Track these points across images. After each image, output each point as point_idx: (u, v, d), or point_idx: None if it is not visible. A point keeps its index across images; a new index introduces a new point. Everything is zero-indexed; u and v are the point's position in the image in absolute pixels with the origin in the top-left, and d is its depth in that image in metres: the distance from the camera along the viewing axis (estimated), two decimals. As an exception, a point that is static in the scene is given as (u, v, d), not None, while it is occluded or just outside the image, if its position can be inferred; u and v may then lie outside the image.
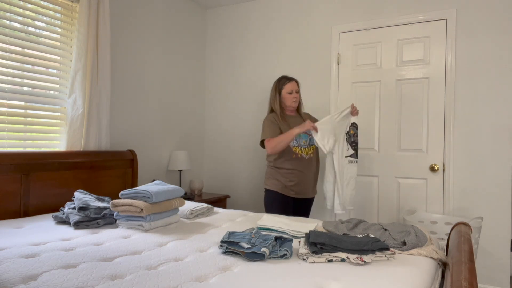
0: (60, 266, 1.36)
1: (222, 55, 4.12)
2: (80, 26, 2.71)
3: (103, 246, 1.64)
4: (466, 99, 2.97)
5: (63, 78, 2.74)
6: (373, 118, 3.32)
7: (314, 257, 1.48)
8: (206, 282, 1.26)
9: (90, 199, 2.17)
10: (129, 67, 3.28)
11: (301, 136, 2.77)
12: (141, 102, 3.40)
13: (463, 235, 1.67)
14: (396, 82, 3.23)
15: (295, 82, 2.83)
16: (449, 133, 3.01)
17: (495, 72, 2.88)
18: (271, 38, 3.82)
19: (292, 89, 2.79)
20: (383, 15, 3.27)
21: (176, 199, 2.17)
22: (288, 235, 1.86)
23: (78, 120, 2.71)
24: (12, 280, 1.22)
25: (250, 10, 3.95)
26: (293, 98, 2.81)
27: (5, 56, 2.40)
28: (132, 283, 1.23)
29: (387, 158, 3.26)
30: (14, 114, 2.44)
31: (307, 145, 2.80)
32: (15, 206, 2.27)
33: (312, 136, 2.70)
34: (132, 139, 3.31)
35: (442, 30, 3.05)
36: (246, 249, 1.50)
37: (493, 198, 2.87)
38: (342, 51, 3.46)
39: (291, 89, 2.79)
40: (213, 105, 4.18)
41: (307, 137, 2.81)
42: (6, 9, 2.40)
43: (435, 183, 3.08)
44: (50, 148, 2.68)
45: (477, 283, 1.18)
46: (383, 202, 3.28)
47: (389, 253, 1.52)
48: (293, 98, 2.81)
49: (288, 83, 2.80)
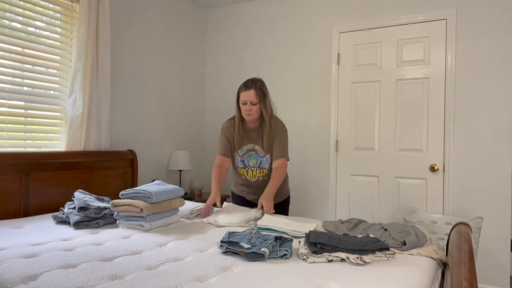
0: (60, 266, 1.36)
1: (222, 55, 4.12)
2: (80, 26, 2.71)
3: (103, 246, 1.63)
4: (466, 99, 2.97)
5: (63, 78, 2.74)
6: (373, 118, 3.32)
7: (314, 257, 1.48)
8: (206, 282, 1.26)
9: (90, 199, 2.17)
10: (129, 67, 3.28)
11: (252, 155, 2.40)
12: (141, 102, 3.40)
13: (463, 235, 1.67)
14: (396, 82, 3.23)
15: (253, 91, 2.28)
16: (449, 133, 3.01)
17: (495, 72, 2.88)
18: (271, 38, 3.82)
19: (245, 100, 2.29)
20: (383, 15, 3.27)
21: (176, 199, 2.17)
22: (288, 235, 1.85)
23: (78, 120, 2.71)
24: (12, 280, 1.22)
25: (250, 10, 3.95)
26: (246, 111, 2.30)
27: (5, 56, 2.40)
28: (132, 283, 1.23)
29: (387, 158, 3.26)
30: (14, 114, 2.44)
31: (256, 167, 2.43)
32: (15, 206, 2.27)
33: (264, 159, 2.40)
34: (132, 139, 3.31)
35: (442, 30, 3.05)
36: (246, 249, 1.50)
37: (493, 198, 2.87)
38: (342, 51, 3.46)
39: (245, 99, 2.29)
40: (213, 105, 4.18)
41: (258, 158, 2.41)
42: (6, 9, 2.40)
43: (435, 183, 3.08)
44: (50, 148, 2.68)
45: (477, 283, 1.18)
46: (383, 202, 3.28)
47: (389, 253, 1.52)
48: (246, 110, 2.30)
49: (243, 92, 2.31)
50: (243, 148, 2.43)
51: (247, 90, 2.29)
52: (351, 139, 3.42)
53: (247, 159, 2.43)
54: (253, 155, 2.41)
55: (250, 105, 2.29)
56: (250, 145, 2.42)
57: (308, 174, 3.60)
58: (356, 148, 3.41)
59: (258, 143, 2.41)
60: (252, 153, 2.42)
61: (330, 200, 3.50)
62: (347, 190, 3.44)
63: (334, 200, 3.50)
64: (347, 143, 3.44)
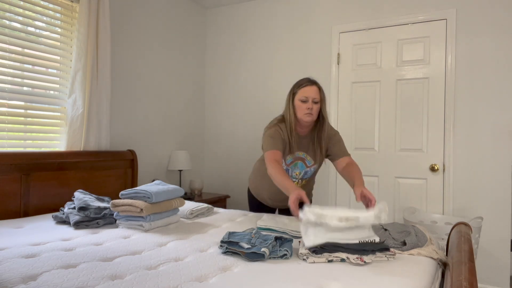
0: (60, 266, 1.36)
1: (222, 55, 4.12)
2: (80, 26, 2.71)
3: (103, 246, 1.63)
4: (466, 99, 2.97)
5: (63, 78, 2.74)
6: (373, 118, 3.32)
7: (314, 257, 1.48)
8: (206, 282, 1.26)
9: (90, 199, 2.17)
10: (129, 67, 3.28)
11: (297, 165, 2.16)
12: (141, 102, 3.40)
13: (463, 235, 1.67)
14: (396, 82, 3.23)
15: (316, 88, 2.03)
16: (449, 133, 3.01)
17: (495, 72, 2.88)
18: (271, 38, 3.82)
19: (307, 96, 2.00)
20: (383, 15, 3.27)
21: (176, 199, 2.17)
22: (288, 235, 1.85)
23: (78, 120, 2.71)
24: (12, 280, 1.22)
25: (250, 10, 3.95)
26: (307, 110, 2.00)
27: (5, 56, 2.40)
28: (132, 283, 1.23)
29: (387, 158, 3.26)
30: (14, 114, 2.44)
31: (299, 178, 2.20)
32: (15, 206, 2.27)
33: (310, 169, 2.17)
34: (132, 139, 3.31)
35: (442, 30, 3.05)
36: (246, 249, 1.50)
37: (493, 198, 2.87)
38: (342, 51, 3.46)
39: (306, 96, 2.00)
40: (213, 105, 4.18)
41: (304, 168, 2.18)
42: (6, 9, 2.40)
43: (435, 183, 3.08)
44: (50, 148, 2.68)
45: (477, 283, 1.18)
46: (383, 202, 3.28)
47: (389, 254, 1.52)
48: (307, 108, 2.00)
49: (304, 87, 2.02)
50: (292, 156, 2.13)
51: (310, 86, 2.02)
52: (351, 139, 3.42)
53: (292, 169, 2.17)
54: (299, 165, 2.16)
55: (312, 103, 2.01)
56: (302, 153, 2.15)
57: (308, 174, 3.59)
58: (356, 148, 3.41)
59: (309, 152, 2.16)
60: (299, 162, 2.16)
61: (330, 200, 3.50)
62: (347, 190, 3.44)
63: (334, 200, 3.50)
64: (347, 143, 3.43)
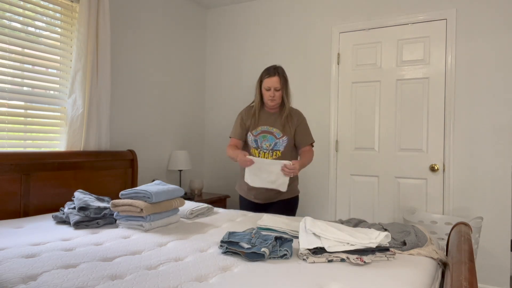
0: (60, 266, 1.36)
1: (222, 55, 4.12)
2: (80, 26, 2.71)
3: (103, 246, 1.63)
4: (466, 99, 2.97)
5: (63, 78, 2.74)
6: (373, 118, 3.32)
7: (314, 257, 1.48)
8: (206, 282, 1.26)
9: (90, 199, 2.17)
10: (129, 67, 3.28)
11: (267, 137, 2.46)
12: (141, 102, 3.40)
13: (463, 235, 1.67)
14: (396, 82, 3.23)
15: (278, 78, 2.40)
16: (449, 133, 3.01)
17: (495, 72, 2.88)
18: (271, 38, 3.82)
19: (269, 86, 2.41)
20: (383, 15, 3.27)
21: (176, 199, 2.17)
22: (288, 235, 1.85)
23: (78, 120, 2.71)
24: (12, 280, 1.22)
25: (250, 10, 3.95)
26: (269, 97, 2.42)
27: (5, 56, 2.40)
28: (132, 283, 1.23)
29: (387, 158, 3.26)
30: (14, 114, 2.44)
31: (269, 150, 2.47)
32: (15, 206, 2.27)
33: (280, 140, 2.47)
34: (132, 139, 3.31)
35: (442, 30, 3.05)
36: (246, 249, 1.50)
37: (493, 198, 2.87)
38: (342, 51, 3.46)
39: (269, 85, 2.41)
40: (213, 105, 4.18)
41: (273, 140, 2.47)
42: (6, 9, 2.40)
43: (435, 183, 3.08)
44: (50, 148, 2.68)
45: (477, 283, 1.18)
46: (383, 202, 3.28)
47: (389, 253, 1.52)
48: (269, 96, 2.42)
49: (267, 78, 2.41)
50: (258, 129, 2.50)
51: (271, 77, 2.40)
52: (351, 139, 3.42)
53: (260, 140, 2.48)
54: (268, 137, 2.47)
55: (274, 91, 2.41)
56: (266, 127, 2.50)
57: (308, 174, 3.59)
58: (356, 148, 3.41)
59: (276, 125, 2.49)
60: (267, 135, 2.47)
61: (330, 200, 3.50)
62: (347, 190, 3.44)
63: (334, 200, 3.50)
64: (347, 143, 3.44)
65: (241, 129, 2.53)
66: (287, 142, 2.48)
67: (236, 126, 2.56)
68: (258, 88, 2.49)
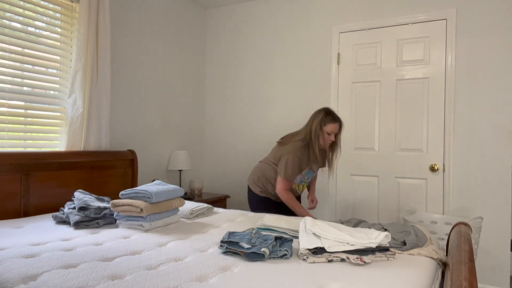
0: (60, 266, 1.36)
1: (222, 55, 4.12)
2: (80, 26, 2.71)
3: (103, 246, 1.63)
4: (466, 99, 2.97)
5: (63, 78, 2.74)
6: (373, 118, 3.32)
7: (314, 257, 1.48)
8: (206, 282, 1.26)
9: (90, 199, 2.17)
10: (129, 67, 3.28)
11: (308, 172, 2.68)
12: (141, 102, 3.40)
13: (463, 235, 1.67)
14: (396, 82, 3.23)
15: (339, 125, 2.57)
16: (449, 133, 3.01)
17: (495, 72, 2.88)
18: (271, 38, 3.82)
19: (333, 132, 2.56)
20: (383, 15, 3.27)
21: (176, 199, 2.17)
22: (288, 235, 1.85)
23: (78, 120, 2.71)
24: (12, 280, 1.22)
25: (250, 10, 3.95)
26: (329, 141, 2.59)
27: (5, 56, 2.40)
28: (132, 283, 1.23)
29: (387, 158, 3.26)
30: (14, 114, 2.44)
31: (306, 182, 2.75)
32: (15, 206, 2.27)
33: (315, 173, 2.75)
34: (132, 139, 3.31)
35: (442, 30, 3.05)
36: (246, 249, 1.50)
37: (493, 198, 2.87)
38: (342, 51, 3.46)
39: (332, 131, 2.56)
40: (213, 105, 4.18)
41: (312, 174, 2.73)
42: (6, 9, 2.40)
43: (435, 183, 3.08)
44: (50, 148, 2.68)
45: (477, 283, 1.18)
46: (383, 202, 3.28)
47: (389, 253, 1.52)
48: (330, 140, 2.59)
49: (331, 124, 2.54)
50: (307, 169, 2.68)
51: (336, 123, 2.56)
52: (351, 139, 3.42)
53: (303, 175, 2.67)
54: (308, 173, 2.69)
55: (333, 136, 2.59)
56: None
57: (308, 174, 3.59)
58: (356, 148, 3.41)
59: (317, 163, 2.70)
60: (308, 171, 2.68)
61: (330, 200, 3.50)
62: (347, 190, 3.44)
63: (334, 200, 3.50)
64: (347, 143, 3.44)
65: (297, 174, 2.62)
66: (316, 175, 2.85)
67: (295, 169, 2.57)
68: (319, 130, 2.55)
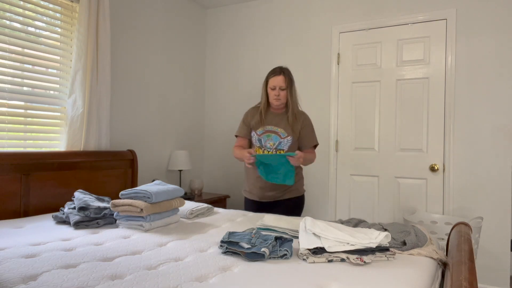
0: (60, 266, 1.36)
1: (222, 55, 4.12)
2: (80, 26, 2.71)
3: (103, 246, 1.63)
4: (466, 99, 2.97)
5: (63, 78, 2.74)
6: (373, 118, 3.32)
7: (314, 257, 1.48)
8: (206, 282, 1.26)
9: (90, 199, 2.17)
10: (129, 67, 3.28)
11: (271, 136, 2.46)
12: (141, 102, 3.40)
13: (463, 235, 1.67)
14: (396, 82, 3.23)
15: (283, 77, 2.40)
16: (449, 133, 3.01)
17: (495, 72, 2.88)
18: (271, 38, 3.82)
19: (275, 85, 2.40)
20: (383, 15, 3.27)
21: (176, 199, 2.17)
22: (288, 235, 1.85)
23: (78, 120, 2.71)
24: (12, 280, 1.22)
25: (250, 10, 3.95)
26: (274, 96, 2.42)
27: (5, 56, 2.40)
28: (132, 283, 1.23)
29: (387, 158, 3.26)
30: (14, 114, 2.44)
31: (273, 149, 2.45)
32: (15, 206, 2.27)
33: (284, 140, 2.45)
34: (132, 139, 3.31)
35: (442, 30, 3.05)
36: (246, 249, 1.50)
37: (493, 198, 2.87)
38: (342, 51, 3.46)
39: (274, 84, 2.41)
40: (213, 105, 4.18)
41: (278, 139, 2.45)
42: (6, 9, 2.40)
43: (435, 183, 3.08)
44: (50, 148, 2.68)
45: (477, 283, 1.18)
46: (383, 202, 3.28)
47: (389, 254, 1.52)
48: (275, 95, 2.41)
49: (272, 77, 2.42)
50: (262, 128, 2.50)
51: (276, 76, 2.41)
52: (351, 139, 3.42)
53: (264, 139, 2.48)
54: (272, 136, 2.47)
55: (279, 90, 2.41)
56: (271, 126, 2.49)
57: (308, 174, 3.59)
58: (356, 148, 3.41)
59: (281, 125, 2.48)
60: (271, 135, 2.47)
61: (330, 200, 3.50)
62: (347, 190, 3.44)
63: (334, 200, 3.50)
64: (347, 143, 3.44)
65: (246, 127, 2.56)
66: (291, 143, 2.46)
67: (242, 125, 2.59)
68: (264, 88, 2.50)
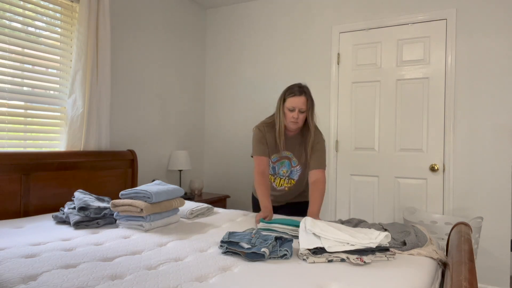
0: (60, 266, 1.36)
1: (222, 55, 4.12)
2: (80, 26, 2.71)
3: (103, 246, 1.63)
4: (466, 99, 2.97)
5: (63, 78, 2.74)
6: (373, 118, 3.32)
7: (314, 257, 1.48)
8: (206, 282, 1.26)
9: (90, 199, 2.17)
10: (129, 67, 3.28)
11: (284, 163, 2.28)
12: (141, 102, 3.40)
13: (463, 235, 1.67)
14: (396, 82, 3.23)
15: (304, 98, 2.12)
16: (449, 133, 3.01)
17: (495, 72, 2.88)
18: (271, 38, 3.82)
19: (294, 107, 2.12)
20: (383, 15, 3.27)
21: (176, 199, 2.17)
22: (288, 235, 1.85)
23: (78, 120, 2.71)
24: (12, 280, 1.22)
25: (250, 10, 3.95)
26: (292, 118, 2.14)
27: (5, 56, 2.40)
28: (132, 283, 1.23)
29: (387, 158, 3.26)
30: (14, 114, 2.44)
31: (286, 176, 2.31)
32: (15, 206, 2.27)
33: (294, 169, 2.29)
34: (132, 139, 3.31)
35: (442, 30, 3.05)
36: (246, 249, 1.50)
37: (493, 198, 2.87)
38: (342, 51, 3.46)
39: (293, 106, 2.12)
40: (213, 105, 4.18)
41: (290, 166, 2.29)
42: (6, 9, 2.40)
43: (435, 183, 3.08)
44: (50, 148, 2.68)
45: (477, 283, 1.18)
46: (383, 202, 3.28)
47: (389, 254, 1.52)
48: (292, 118, 2.14)
49: (291, 97, 2.13)
50: (278, 155, 2.29)
51: (297, 96, 2.12)
52: (351, 139, 3.42)
53: (278, 167, 2.30)
54: (285, 163, 2.29)
55: (298, 112, 2.14)
56: (287, 152, 2.29)
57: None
58: (356, 148, 3.41)
59: (295, 152, 2.28)
60: (285, 161, 2.29)
61: (330, 200, 3.50)
62: (347, 190, 3.44)
63: (334, 200, 3.50)
64: (347, 143, 3.44)
65: (264, 146, 2.24)
66: (301, 172, 2.32)
67: (257, 144, 2.24)
68: (281, 107, 2.18)
